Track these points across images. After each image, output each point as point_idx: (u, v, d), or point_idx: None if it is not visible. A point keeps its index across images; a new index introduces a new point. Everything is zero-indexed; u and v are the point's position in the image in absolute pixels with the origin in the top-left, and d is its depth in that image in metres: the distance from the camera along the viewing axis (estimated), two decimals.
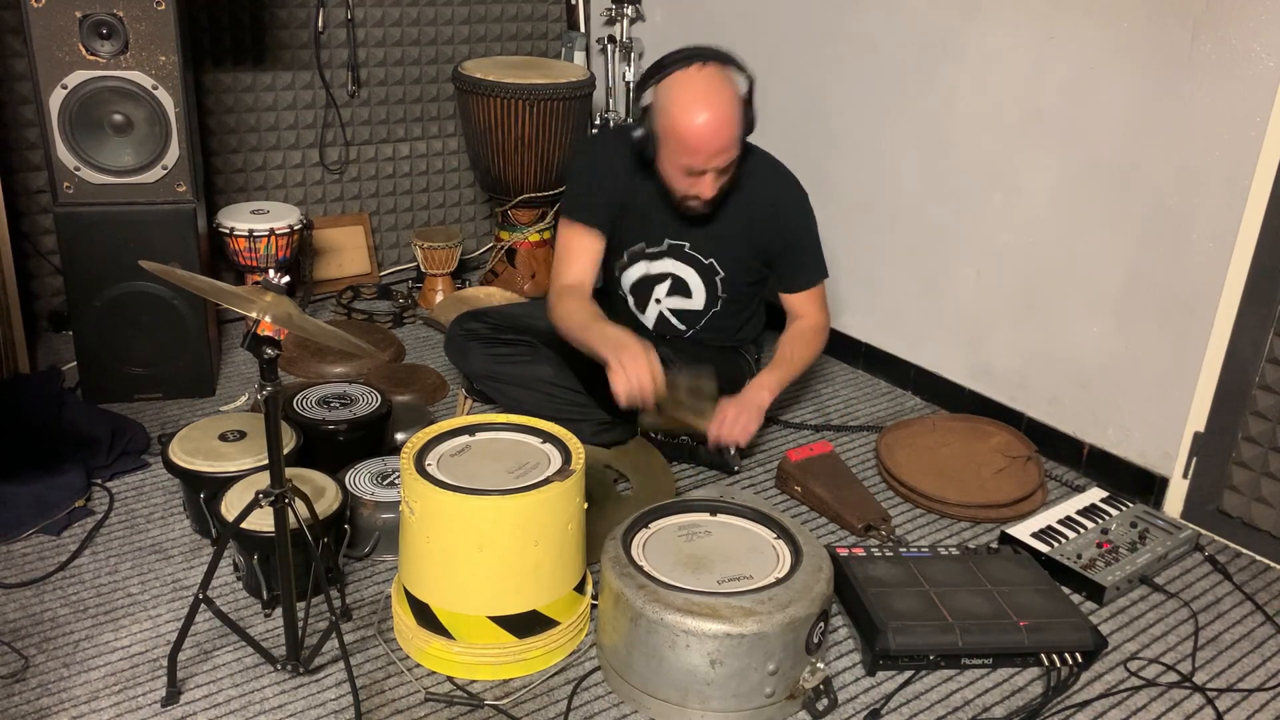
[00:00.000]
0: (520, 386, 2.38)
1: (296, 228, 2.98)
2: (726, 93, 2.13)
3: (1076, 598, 2.03)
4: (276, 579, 1.80)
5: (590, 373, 2.45)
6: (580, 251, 2.39)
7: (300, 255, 3.17)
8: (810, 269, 2.45)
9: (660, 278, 2.44)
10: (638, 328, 2.55)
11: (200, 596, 1.65)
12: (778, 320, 2.83)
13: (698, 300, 2.45)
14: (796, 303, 2.47)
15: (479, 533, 1.69)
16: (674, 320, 2.50)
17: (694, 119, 2.09)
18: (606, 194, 2.38)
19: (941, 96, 2.65)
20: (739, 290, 2.46)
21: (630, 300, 2.53)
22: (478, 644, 1.75)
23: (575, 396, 2.39)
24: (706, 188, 2.19)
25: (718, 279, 2.42)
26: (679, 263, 2.42)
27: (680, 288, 2.44)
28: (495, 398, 2.45)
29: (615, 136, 2.46)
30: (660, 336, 2.51)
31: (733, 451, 2.40)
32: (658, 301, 2.48)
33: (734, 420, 2.26)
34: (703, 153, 2.13)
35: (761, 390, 2.34)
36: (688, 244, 2.39)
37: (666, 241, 2.39)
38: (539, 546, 1.72)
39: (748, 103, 2.17)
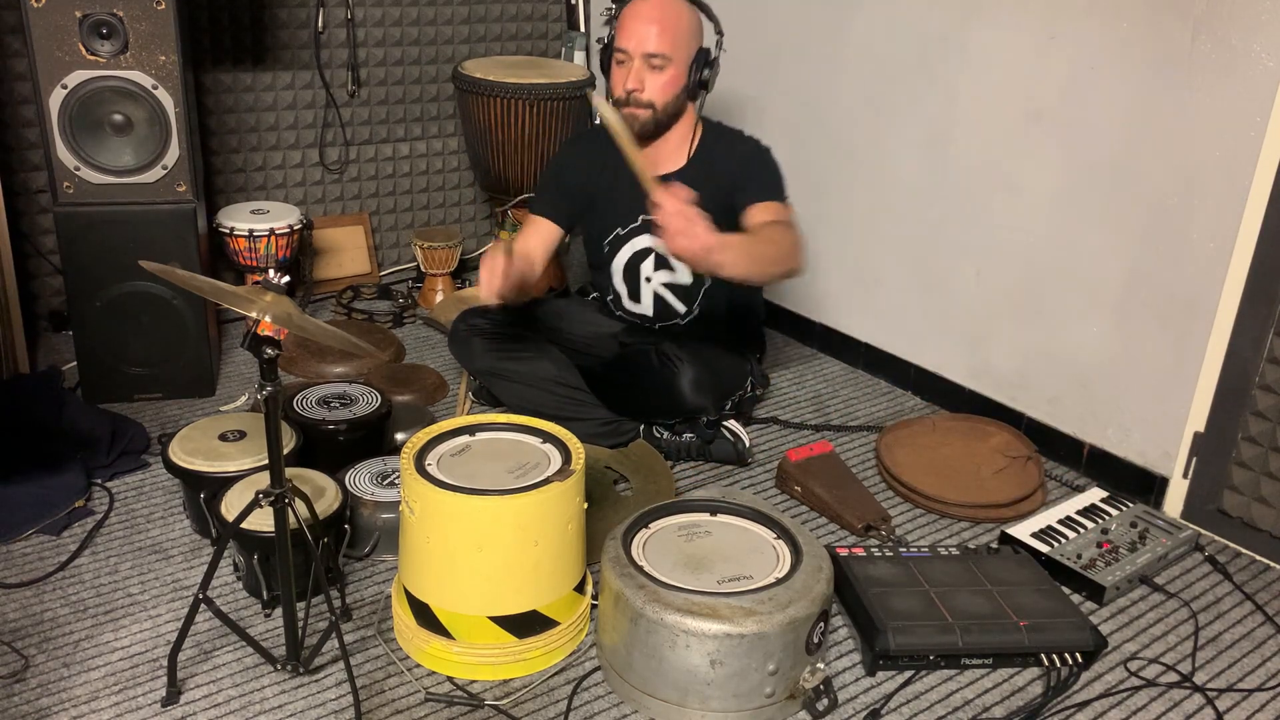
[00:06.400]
0: (523, 383, 2.39)
1: (296, 228, 2.98)
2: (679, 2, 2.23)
3: (1076, 598, 2.02)
4: (276, 579, 1.80)
5: (594, 371, 2.45)
6: (529, 231, 2.46)
7: (300, 255, 3.16)
8: (765, 184, 2.28)
9: (643, 254, 2.45)
10: (635, 324, 2.55)
11: (200, 596, 1.65)
12: (773, 322, 2.82)
13: (683, 273, 2.45)
14: (756, 214, 2.22)
15: (479, 533, 1.69)
16: (672, 298, 2.48)
17: None
18: (565, 187, 2.46)
19: (941, 96, 2.65)
20: None
21: (624, 293, 2.52)
22: (478, 644, 1.75)
23: (578, 394, 2.40)
24: (633, 77, 2.23)
25: None
26: (656, 238, 2.38)
27: (664, 262, 2.45)
28: (498, 393, 2.45)
29: (589, 132, 2.51)
30: (664, 331, 2.50)
31: (747, 444, 2.42)
32: (649, 280, 2.48)
33: (677, 230, 1.95)
34: (631, 32, 2.19)
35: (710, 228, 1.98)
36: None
37: (641, 217, 2.40)
38: (539, 546, 1.72)
39: (706, 51, 2.29)
